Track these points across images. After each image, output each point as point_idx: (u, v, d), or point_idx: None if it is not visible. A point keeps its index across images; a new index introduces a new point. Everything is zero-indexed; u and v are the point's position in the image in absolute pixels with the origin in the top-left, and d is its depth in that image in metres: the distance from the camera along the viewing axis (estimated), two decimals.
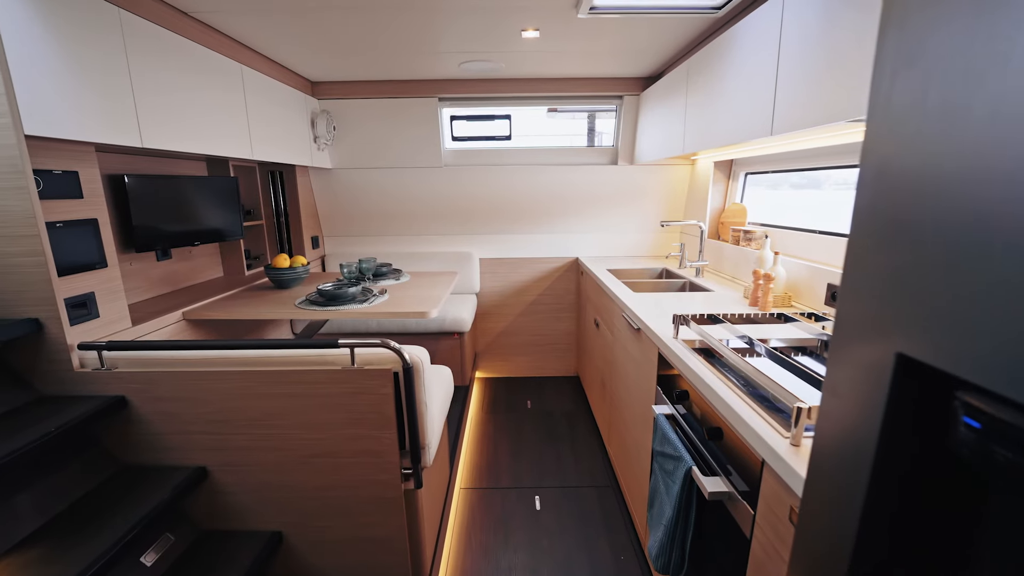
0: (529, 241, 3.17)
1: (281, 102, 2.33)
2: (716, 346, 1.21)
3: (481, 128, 2.93)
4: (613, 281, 2.28)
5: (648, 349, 1.59)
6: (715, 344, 1.22)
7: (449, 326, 2.66)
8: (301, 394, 1.21)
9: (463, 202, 3.04)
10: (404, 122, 2.79)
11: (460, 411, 2.51)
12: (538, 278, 3.21)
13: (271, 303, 1.95)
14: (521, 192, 3.01)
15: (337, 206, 3.07)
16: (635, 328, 1.69)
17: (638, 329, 1.68)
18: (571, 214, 3.10)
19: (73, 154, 1.39)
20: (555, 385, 3.22)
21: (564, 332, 3.30)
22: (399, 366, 1.20)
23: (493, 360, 3.36)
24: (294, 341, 1.16)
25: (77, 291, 1.39)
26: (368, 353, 1.22)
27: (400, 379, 1.20)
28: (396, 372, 1.21)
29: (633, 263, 2.88)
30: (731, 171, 2.60)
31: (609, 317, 2.22)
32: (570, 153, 2.95)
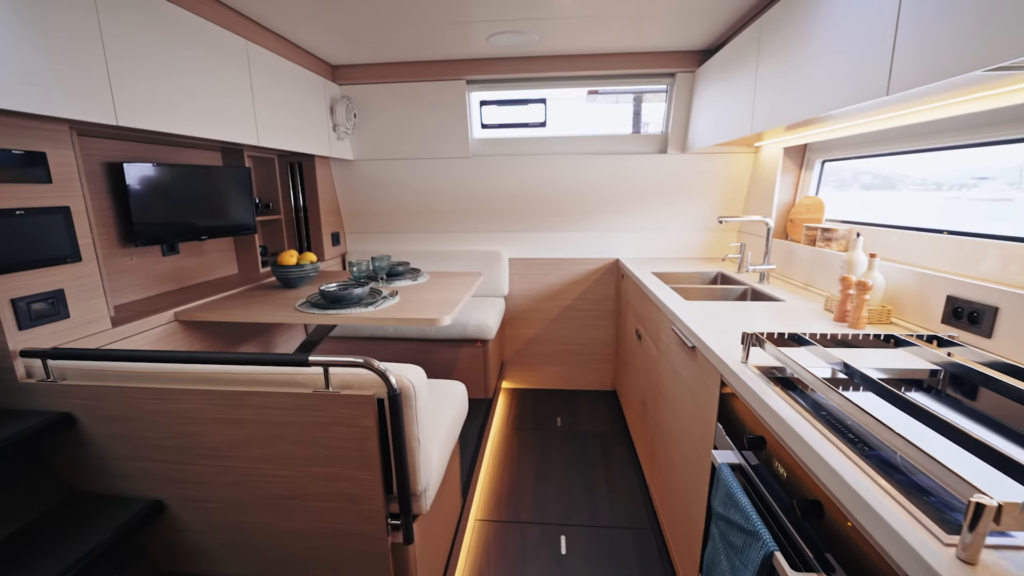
0: (564, 240, 2.87)
1: (295, 86, 2.15)
2: (810, 380, 0.88)
3: (513, 114, 2.66)
4: (660, 286, 1.95)
5: (707, 374, 1.26)
6: (807, 377, 0.89)
7: (472, 333, 2.40)
8: (265, 421, 0.98)
9: (492, 196, 2.78)
10: (429, 108, 2.56)
11: (481, 427, 2.25)
12: (573, 281, 2.91)
13: (273, 304, 1.75)
14: (556, 185, 2.72)
15: (359, 200, 2.89)
16: (689, 346, 1.37)
17: (693, 347, 1.36)
18: (612, 210, 2.78)
19: (39, 133, 1.22)
20: (589, 401, 2.91)
21: (601, 342, 2.98)
22: (385, 391, 0.95)
23: (521, 370, 3.08)
24: (256, 356, 0.93)
25: (38, 288, 1.23)
26: (347, 374, 0.97)
27: (386, 407, 0.94)
28: (381, 399, 0.96)
29: (683, 266, 2.52)
30: (804, 159, 2.21)
31: (654, 328, 1.89)
32: (612, 141, 2.63)
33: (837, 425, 0.81)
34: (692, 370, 1.38)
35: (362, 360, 0.91)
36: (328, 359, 0.91)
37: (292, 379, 0.98)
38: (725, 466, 1.03)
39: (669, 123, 2.54)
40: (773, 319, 1.45)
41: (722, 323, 1.40)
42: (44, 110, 1.12)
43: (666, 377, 1.69)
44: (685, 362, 1.45)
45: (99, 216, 1.72)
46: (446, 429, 1.37)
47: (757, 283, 2.02)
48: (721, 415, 1.17)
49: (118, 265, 1.79)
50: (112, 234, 1.77)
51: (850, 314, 1.43)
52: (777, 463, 0.90)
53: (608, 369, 3.02)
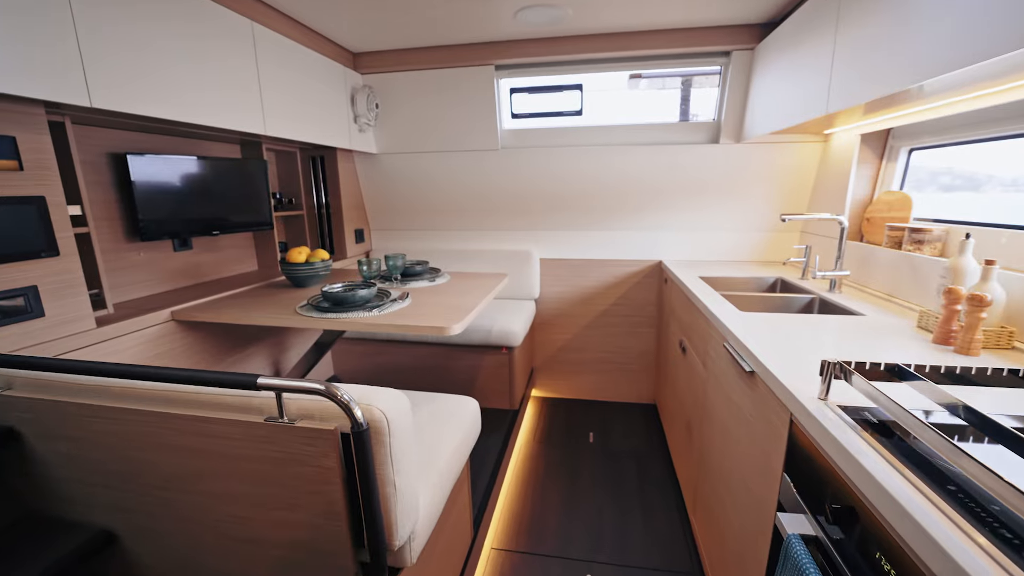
0: (600, 240, 2.62)
1: (311, 73, 2.02)
2: (929, 437, 0.62)
3: (546, 102, 2.44)
4: (708, 294, 1.67)
5: (770, 409, 1.00)
6: (924, 432, 0.62)
7: (496, 339, 2.20)
8: (215, 452, 0.81)
9: (522, 192, 2.57)
10: (455, 97, 2.38)
11: (503, 442, 2.05)
12: (610, 284, 2.65)
13: (277, 305, 1.62)
14: (593, 180, 2.47)
15: (382, 196, 2.75)
16: (747, 370, 1.10)
17: (751, 372, 1.09)
18: (655, 207, 2.50)
19: (8, 116, 1.12)
20: (625, 414, 2.64)
21: (640, 351, 2.70)
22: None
23: (552, 378, 2.85)
24: (199, 373, 0.76)
25: (6, 284, 1.13)
26: (307, 400, 0.79)
27: (354, 445, 0.75)
28: (347, 433, 0.76)
29: (735, 270, 2.22)
30: (886, 147, 1.86)
31: (702, 342, 1.62)
32: (657, 130, 2.35)
33: (973, 507, 0.55)
34: (750, 400, 1.12)
35: (322, 386, 0.72)
36: (282, 382, 0.73)
37: (248, 404, 0.80)
38: (796, 539, 0.78)
39: (722, 109, 2.24)
40: (852, 339, 1.16)
41: (788, 342, 1.13)
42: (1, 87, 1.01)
43: (715, 401, 1.42)
44: (740, 388, 1.18)
45: (104, 209, 1.64)
46: (448, 456, 1.18)
47: (826, 292, 1.71)
48: (789, 464, 0.90)
49: (124, 260, 1.72)
50: (118, 228, 1.69)
51: (957, 336, 1.12)
52: (878, 552, 0.63)
53: (647, 381, 2.74)
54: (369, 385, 0.85)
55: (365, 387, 0.83)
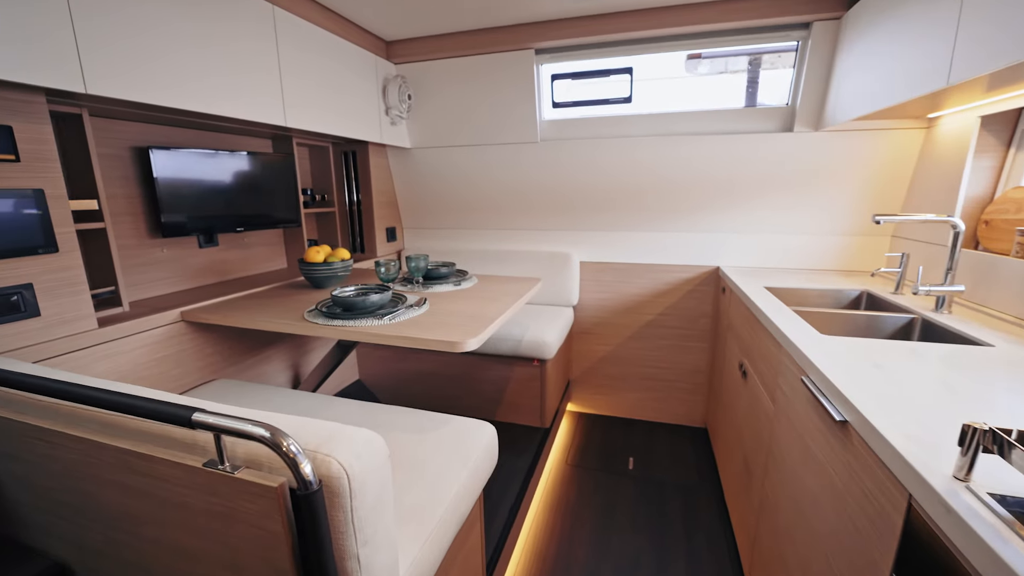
0: (649, 242, 2.36)
1: (338, 61, 1.91)
2: None
3: (591, 89, 2.21)
4: (777, 309, 1.39)
5: (874, 480, 0.74)
6: None
7: (526, 350, 2.01)
8: (156, 495, 0.67)
9: (563, 188, 2.36)
10: (492, 86, 2.21)
11: (530, 464, 1.85)
12: (659, 292, 2.38)
13: (287, 308, 1.51)
14: (642, 174, 2.22)
15: (415, 193, 2.63)
16: (837, 419, 0.84)
17: (843, 422, 0.83)
18: (713, 205, 2.21)
19: (5, 104, 1.05)
20: (671, 438, 2.36)
21: (691, 368, 2.42)
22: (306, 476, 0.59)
23: (590, 392, 2.62)
24: (127, 399, 0.62)
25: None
26: (252, 445, 0.63)
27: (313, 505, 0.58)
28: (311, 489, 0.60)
29: (808, 280, 1.90)
30: (1016, 131, 1.50)
31: (768, 368, 1.35)
32: (718, 118, 2.07)
33: None
34: (840, 459, 0.86)
35: (265, 432, 0.56)
36: (220, 421, 0.58)
37: (195, 440, 0.66)
38: None
39: (799, 92, 1.92)
40: (985, 381, 0.87)
41: (893, 381, 0.86)
42: None
43: (787, 447, 1.15)
44: (826, 440, 0.92)
45: (127, 204, 1.60)
46: (453, 497, 1.00)
47: (932, 312, 1.38)
48: (904, 564, 0.65)
49: (148, 256, 1.67)
50: (141, 223, 1.65)
51: None
52: None
53: (698, 402, 2.45)
54: (375, 402, 0.68)
55: (335, 427, 0.67)
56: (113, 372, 1.29)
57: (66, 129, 1.38)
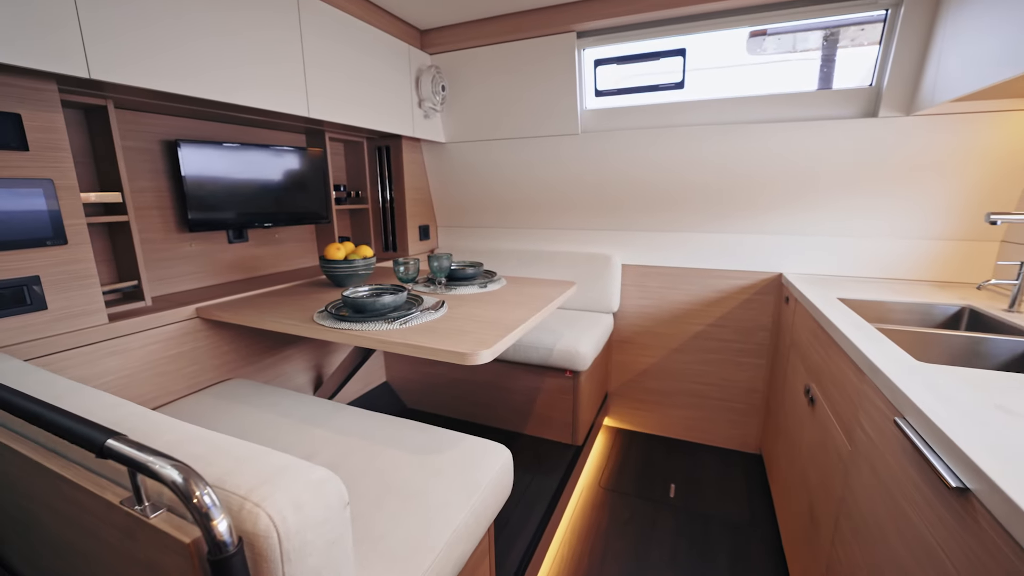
0: (700, 243, 2.12)
1: (368, 50, 1.83)
2: None
3: (638, 74, 2.01)
4: (857, 326, 1.15)
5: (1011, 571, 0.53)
6: None
7: (557, 360, 1.84)
8: (82, 527, 0.57)
9: (604, 183, 2.17)
10: (530, 75, 2.06)
11: (557, 487, 1.69)
12: (710, 300, 2.14)
13: (302, 308, 1.44)
14: (693, 168, 1.99)
15: (449, 189, 2.52)
16: (952, 485, 0.63)
17: (963, 489, 0.62)
18: (776, 203, 1.95)
19: (9, 90, 1.03)
20: (721, 464, 2.11)
21: (746, 386, 2.16)
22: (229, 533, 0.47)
23: (630, 407, 2.41)
24: (36, 407, 0.53)
25: (1, 274, 1.04)
26: None
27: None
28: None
29: (892, 291, 1.61)
30: None
31: (845, 399, 1.11)
32: (785, 103, 1.81)
33: None
34: (954, 538, 0.64)
35: (178, 477, 0.45)
36: (135, 452, 0.47)
37: (101, 467, 0.56)
38: None
39: (886, 70, 1.64)
40: None
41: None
42: None
43: (868, 502, 0.93)
44: (932, 509, 0.70)
45: (156, 197, 1.59)
46: (452, 536, 0.86)
47: None
48: None
49: (176, 251, 1.66)
50: (170, 217, 1.64)
51: None
52: None
53: (753, 425, 2.18)
54: (387, 414, 0.56)
55: (284, 464, 0.55)
56: (123, 368, 1.26)
57: (93, 121, 1.38)
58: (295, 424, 1.19)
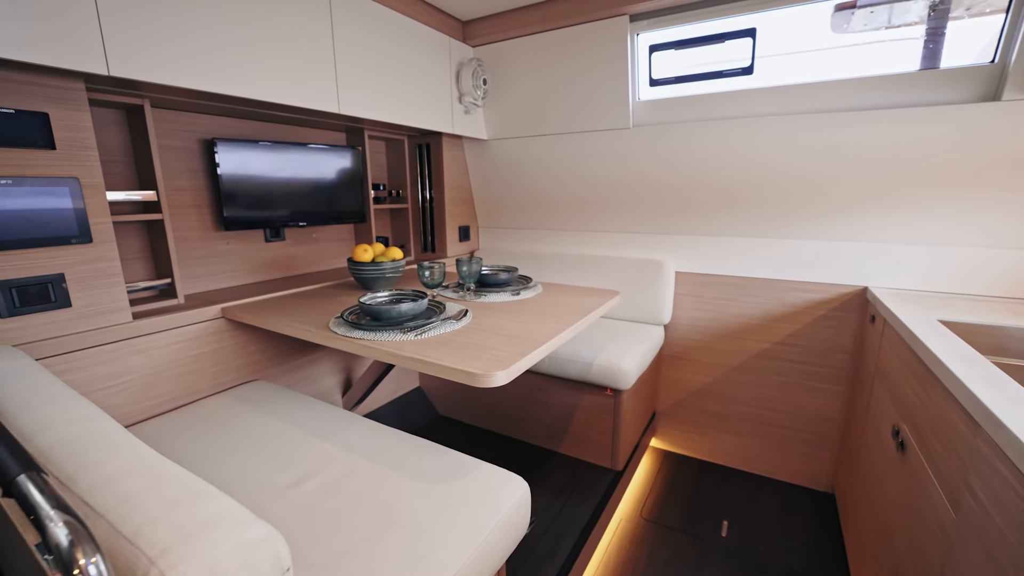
0: (767, 251, 1.87)
1: (405, 43, 1.76)
2: None
3: (699, 60, 1.80)
4: (969, 359, 0.91)
5: None
6: None
7: (596, 376, 1.68)
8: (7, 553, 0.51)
9: (659, 182, 1.98)
10: (578, 64, 1.91)
11: (592, 513, 1.53)
12: (777, 315, 1.89)
13: (325, 312, 1.38)
14: (763, 164, 1.75)
15: (491, 188, 2.42)
16: None
17: None
18: (862, 205, 1.67)
19: (38, 90, 1.03)
20: (785, 501, 1.85)
21: (819, 415, 1.88)
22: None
23: (680, 428, 2.19)
24: None
25: (27, 271, 1.05)
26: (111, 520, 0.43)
27: None
28: None
29: (1014, 313, 1.31)
30: None
31: (949, 450, 0.88)
32: (878, 87, 1.54)
33: None
34: None
35: (63, 539, 0.36)
36: (39, 497, 0.39)
37: None
38: None
39: (1015, 42, 1.33)
40: None
41: None
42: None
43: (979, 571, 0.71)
44: None
45: (194, 196, 1.60)
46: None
47: None
48: None
49: (213, 249, 1.67)
50: (207, 215, 1.65)
51: None
52: None
53: (825, 459, 1.90)
54: (400, 430, 0.46)
55: (215, 511, 0.45)
56: (146, 367, 1.26)
57: (133, 121, 1.39)
58: (304, 436, 1.13)
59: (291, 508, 0.88)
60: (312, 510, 0.87)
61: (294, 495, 0.91)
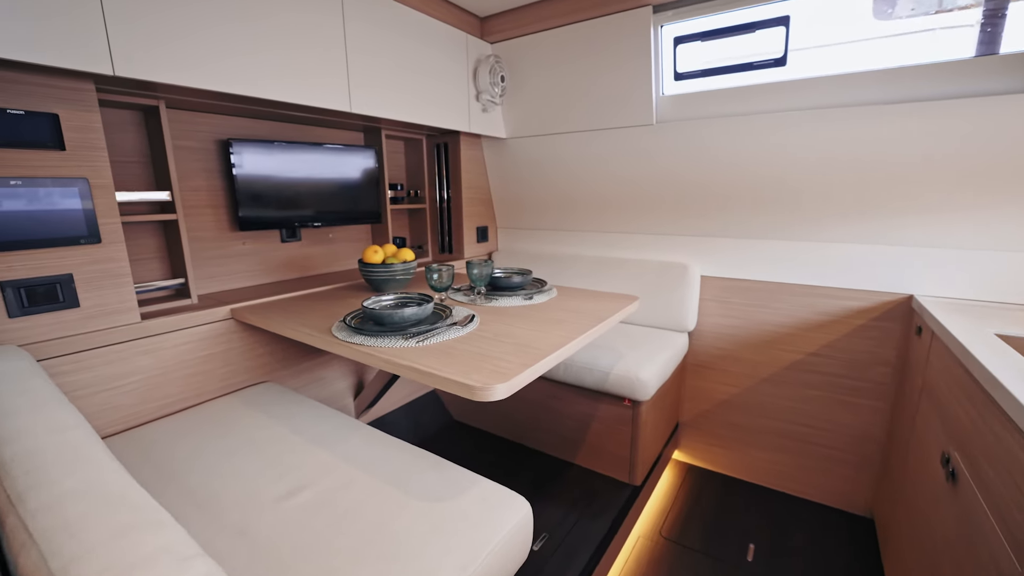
0: (801, 254, 1.75)
1: (420, 40, 1.73)
2: None
3: (728, 51, 1.69)
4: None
5: None
6: None
7: (613, 386, 1.60)
8: None
9: (684, 181, 1.88)
10: (598, 59, 1.83)
11: (607, 531, 1.45)
12: (812, 323, 1.76)
13: (330, 316, 1.35)
14: (798, 162, 1.64)
15: (510, 188, 2.36)
16: None
17: None
18: (907, 205, 1.53)
19: (48, 91, 1.03)
20: (818, 524, 1.72)
21: (858, 434, 1.74)
22: None
23: (704, 441, 2.07)
24: None
25: (36, 272, 1.05)
26: None
27: None
28: None
29: None
30: None
31: (1011, 488, 0.77)
32: (928, 76, 1.40)
33: None
34: None
35: None
36: None
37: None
38: None
39: None
40: None
41: None
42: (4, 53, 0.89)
43: None
44: None
45: (210, 196, 1.61)
46: None
47: None
48: None
49: (228, 249, 1.68)
50: (223, 216, 1.65)
51: None
52: None
53: (865, 481, 1.76)
54: (403, 441, 0.43)
55: (152, 547, 0.41)
56: (155, 368, 1.26)
57: (150, 122, 1.40)
58: (303, 444, 1.10)
59: (279, 522, 0.84)
60: (301, 526, 0.83)
61: (285, 508, 0.88)
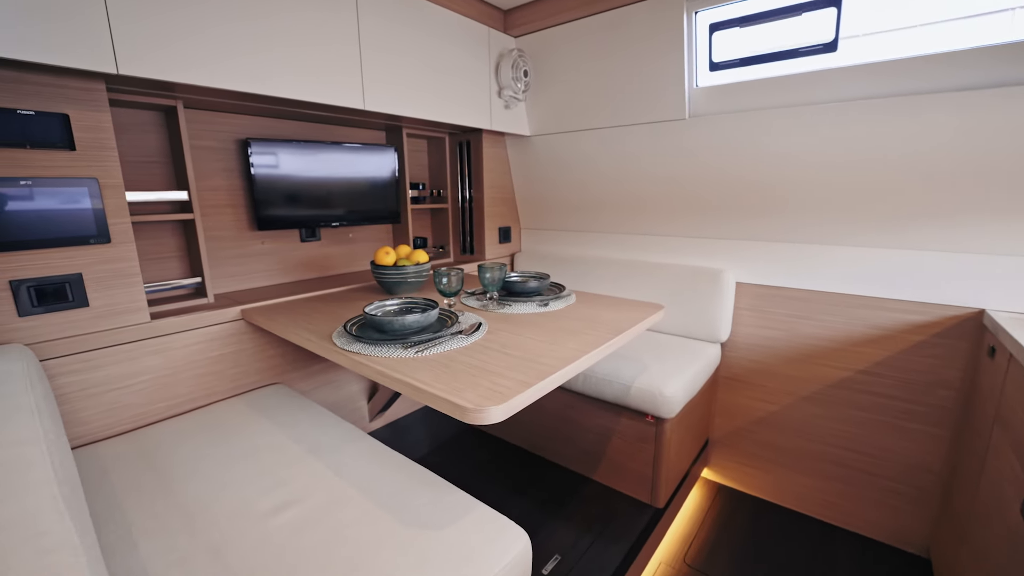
0: (851, 261, 1.58)
1: (439, 34, 1.67)
2: None
3: (769, 38, 1.55)
4: None
5: None
6: None
7: (635, 400, 1.48)
8: None
9: (719, 180, 1.74)
10: (627, 50, 1.72)
11: (624, 557, 1.35)
12: (861, 338, 1.58)
13: (338, 319, 1.31)
14: (846, 158, 1.47)
15: (534, 188, 2.28)
16: None
17: None
18: (976, 207, 1.34)
19: (58, 91, 1.04)
20: (866, 561, 1.55)
21: (915, 463, 1.55)
22: None
23: (736, 461, 1.92)
24: None
25: (46, 271, 1.06)
26: None
27: None
28: None
29: None
30: None
31: None
32: (997, 59, 1.22)
33: None
34: None
35: None
36: None
37: None
38: None
39: None
40: None
41: None
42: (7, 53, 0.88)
43: None
44: None
45: (229, 196, 1.61)
46: None
47: None
48: None
49: (247, 248, 1.68)
50: (243, 215, 1.65)
51: None
52: None
53: (921, 516, 1.57)
54: (403, 456, 0.39)
55: (62, 569, 0.36)
56: (164, 368, 1.26)
57: (169, 122, 1.41)
58: (299, 455, 1.06)
59: (260, 542, 0.80)
60: (280, 548, 0.78)
61: (269, 526, 0.84)
